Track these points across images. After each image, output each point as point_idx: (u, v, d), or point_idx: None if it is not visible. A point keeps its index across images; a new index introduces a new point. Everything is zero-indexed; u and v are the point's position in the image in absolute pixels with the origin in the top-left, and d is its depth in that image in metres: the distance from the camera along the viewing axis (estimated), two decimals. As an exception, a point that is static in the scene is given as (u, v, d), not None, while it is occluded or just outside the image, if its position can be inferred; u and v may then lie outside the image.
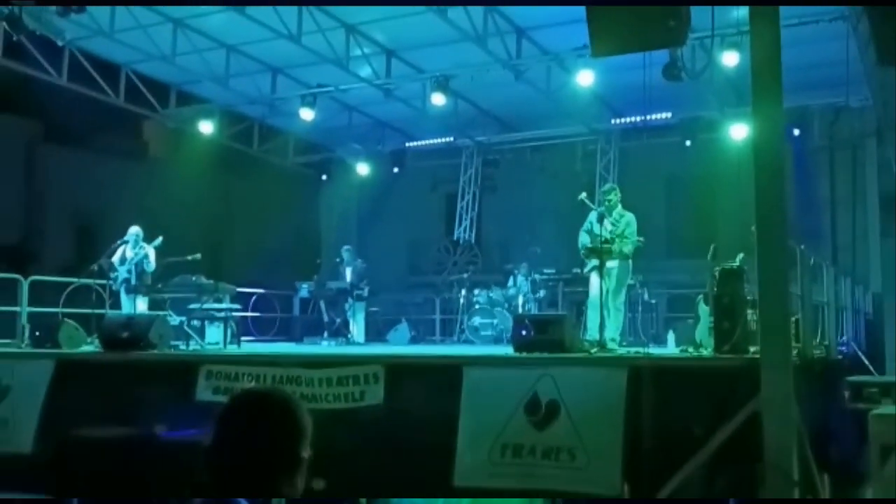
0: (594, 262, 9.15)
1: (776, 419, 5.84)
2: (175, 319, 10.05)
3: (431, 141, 16.15)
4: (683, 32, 6.11)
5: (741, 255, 8.48)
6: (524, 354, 7.72)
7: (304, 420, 1.91)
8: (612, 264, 9.15)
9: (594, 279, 9.19)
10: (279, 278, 15.07)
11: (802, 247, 7.87)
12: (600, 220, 9.13)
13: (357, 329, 13.06)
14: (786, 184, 6.12)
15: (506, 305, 12.95)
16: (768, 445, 5.85)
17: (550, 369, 6.97)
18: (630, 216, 9.39)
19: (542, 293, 12.95)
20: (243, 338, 11.51)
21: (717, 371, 6.72)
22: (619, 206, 9.42)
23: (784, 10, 9.80)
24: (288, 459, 1.85)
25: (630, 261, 9.41)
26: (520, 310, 12.45)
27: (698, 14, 8.28)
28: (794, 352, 7.52)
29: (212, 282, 10.47)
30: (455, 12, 10.74)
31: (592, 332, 8.87)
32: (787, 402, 5.86)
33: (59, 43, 10.55)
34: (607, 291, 9.05)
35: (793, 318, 8.10)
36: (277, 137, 16.53)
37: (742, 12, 8.34)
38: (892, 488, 5.57)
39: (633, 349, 9.02)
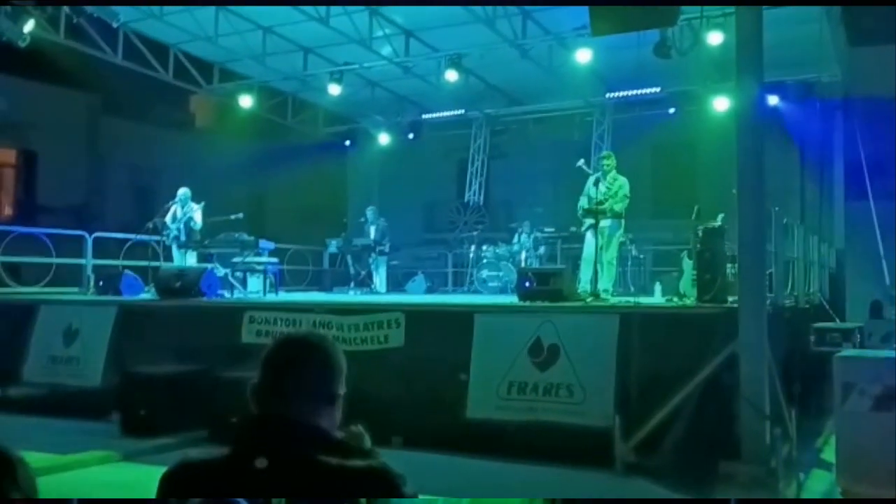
0: (590, 221, 9.07)
1: (751, 360, 5.84)
2: (220, 271, 10.07)
3: (445, 113, 15.93)
4: (675, 14, 5.98)
5: (722, 215, 8.40)
6: (528, 303, 7.71)
7: (339, 360, 1.89)
8: (605, 223, 9.03)
9: (589, 237, 9.10)
10: (311, 235, 15.06)
11: (777, 208, 7.78)
12: (596, 183, 9.03)
13: (379, 280, 13.06)
14: (763, 151, 6.00)
15: (510, 260, 12.87)
16: (744, 383, 5.86)
17: (551, 316, 6.97)
18: (623, 180, 9.24)
19: (542, 249, 12.87)
20: (282, 288, 11.54)
21: (699, 318, 6.70)
22: (614, 171, 9.26)
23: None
24: (326, 395, 1.84)
25: (622, 220, 9.30)
26: (523, 264, 12.39)
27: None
28: (768, 301, 7.51)
29: (253, 238, 10.47)
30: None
31: (584, 285, 8.80)
32: (761, 345, 5.85)
33: (114, 25, 10.40)
34: (601, 248, 8.98)
35: (767, 272, 8.10)
36: (309, 110, 16.36)
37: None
38: (853, 422, 5.57)
39: (623, 299, 8.99)
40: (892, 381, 5.53)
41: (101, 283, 9.78)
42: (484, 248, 13.48)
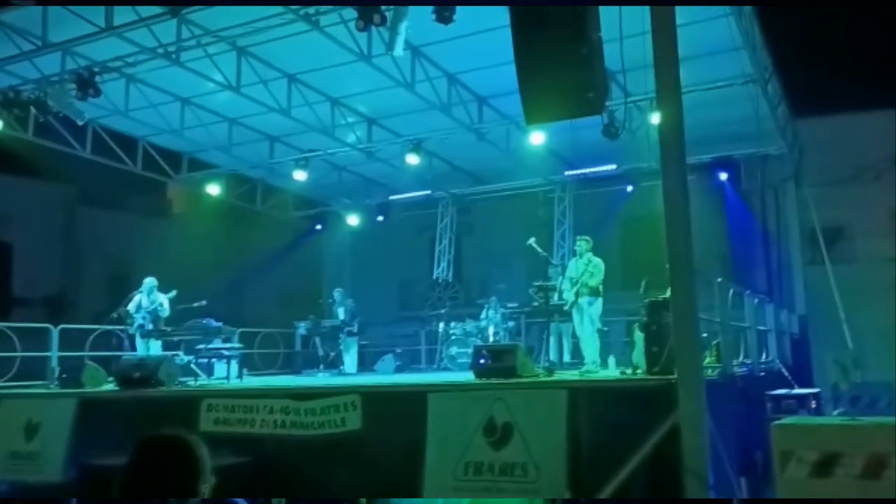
0: (571, 299, 9.44)
1: (691, 430, 5.90)
2: (183, 359, 10.11)
3: (412, 193, 16.33)
4: (601, 102, 6.29)
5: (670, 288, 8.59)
6: (483, 381, 7.80)
7: (201, 461, 2.01)
8: (581, 300, 9.44)
9: (574, 314, 9.53)
10: (286, 317, 15.12)
11: (720, 279, 8.01)
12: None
13: (350, 361, 13.08)
14: (691, 226, 6.25)
15: (479, 336, 12.94)
16: (686, 453, 5.92)
17: (503, 394, 7.03)
18: (598, 261, 9.62)
19: (510, 324, 12.98)
20: (252, 372, 11.52)
21: (643, 390, 6.78)
22: (590, 253, 9.63)
23: (701, 76, 10.12)
24: (188, 493, 1.96)
25: (600, 297, 9.59)
26: (490, 339, 12.49)
27: (634, 80, 8.49)
28: (716, 370, 7.66)
29: (218, 325, 10.56)
30: (422, 87, 10.95)
31: (592, 357, 9.26)
32: (700, 415, 5.93)
33: (79, 123, 10.72)
34: (580, 323, 9.33)
35: (714, 342, 8.27)
36: (278, 195, 16.72)
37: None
38: (793, 490, 5.64)
39: (584, 371, 9.14)
40: (828, 446, 5.65)
41: (63, 375, 9.76)
42: (452, 324, 13.56)
